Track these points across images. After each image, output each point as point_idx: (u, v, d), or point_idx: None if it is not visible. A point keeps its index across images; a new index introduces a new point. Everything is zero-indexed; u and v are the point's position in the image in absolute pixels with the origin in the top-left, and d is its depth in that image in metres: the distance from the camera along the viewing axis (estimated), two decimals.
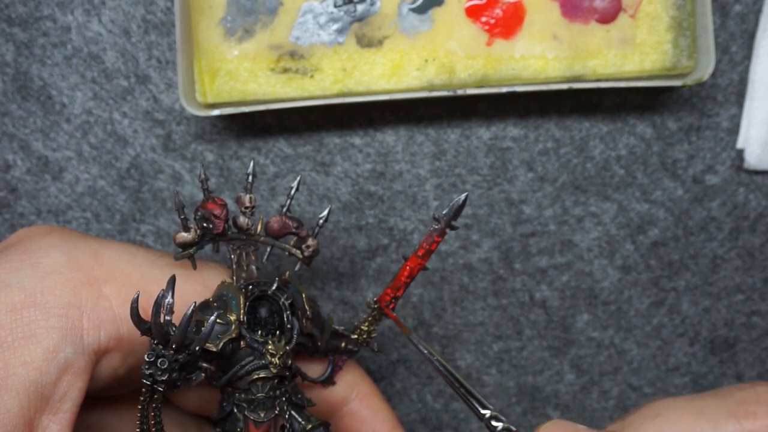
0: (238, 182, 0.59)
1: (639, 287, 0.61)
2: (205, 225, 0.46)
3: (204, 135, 0.59)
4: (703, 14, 0.53)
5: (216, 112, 0.53)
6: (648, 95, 0.58)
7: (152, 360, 0.40)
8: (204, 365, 0.43)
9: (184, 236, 0.46)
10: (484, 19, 0.53)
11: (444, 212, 0.47)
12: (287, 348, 0.46)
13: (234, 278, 0.47)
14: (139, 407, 0.41)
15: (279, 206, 0.48)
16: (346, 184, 0.59)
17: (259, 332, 0.46)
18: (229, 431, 0.46)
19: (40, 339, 0.41)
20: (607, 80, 0.54)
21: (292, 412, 0.46)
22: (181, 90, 0.53)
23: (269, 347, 0.45)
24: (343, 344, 0.50)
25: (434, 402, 0.61)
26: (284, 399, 0.46)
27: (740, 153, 0.59)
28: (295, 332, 0.47)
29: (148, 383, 0.40)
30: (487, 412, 0.46)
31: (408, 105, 0.58)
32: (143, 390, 0.40)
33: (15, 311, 0.41)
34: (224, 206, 0.46)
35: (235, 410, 0.45)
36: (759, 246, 0.61)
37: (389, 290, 0.48)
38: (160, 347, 0.40)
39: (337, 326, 0.50)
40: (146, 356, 0.40)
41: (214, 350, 0.43)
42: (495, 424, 0.47)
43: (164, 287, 0.40)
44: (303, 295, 0.48)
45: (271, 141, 0.59)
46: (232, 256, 0.47)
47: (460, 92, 0.53)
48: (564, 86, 0.53)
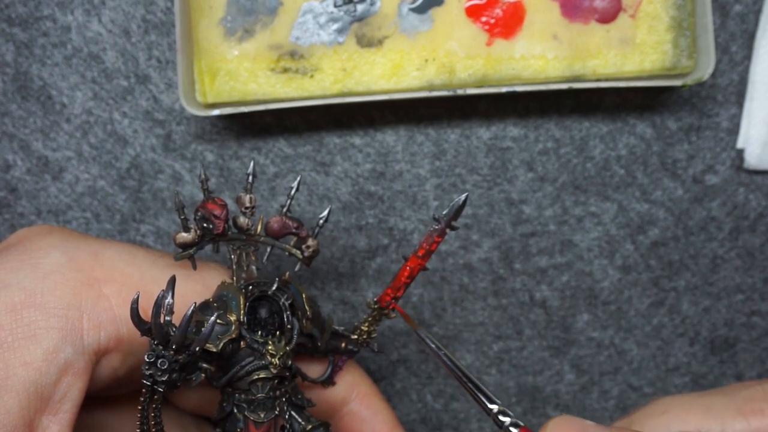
0: (238, 182, 0.59)
1: (639, 287, 0.61)
2: (205, 225, 0.46)
3: (204, 135, 0.59)
4: (703, 14, 0.53)
5: (216, 112, 0.53)
6: (648, 95, 0.58)
7: (152, 360, 0.40)
8: (204, 366, 0.43)
9: (184, 236, 0.46)
10: (484, 19, 0.53)
11: (444, 212, 0.47)
12: (287, 348, 0.46)
13: (234, 278, 0.47)
14: (139, 407, 0.41)
15: (279, 206, 0.48)
16: (346, 184, 0.59)
17: (259, 333, 0.46)
18: (229, 431, 0.46)
19: (40, 339, 0.41)
20: (607, 80, 0.54)
21: (292, 413, 0.46)
22: (181, 90, 0.53)
23: (269, 348, 0.45)
24: (343, 344, 0.50)
25: (434, 402, 0.61)
26: (284, 399, 0.46)
27: (740, 153, 0.59)
28: (295, 332, 0.47)
29: (148, 383, 0.40)
30: (495, 407, 0.46)
31: (408, 105, 0.58)
32: (143, 390, 0.40)
33: (15, 312, 0.41)
34: (224, 206, 0.46)
35: (235, 410, 0.45)
36: (759, 246, 0.61)
37: (389, 290, 0.48)
38: (160, 348, 0.40)
39: (337, 326, 0.50)
40: (146, 357, 0.40)
41: (214, 351, 0.43)
42: (502, 419, 0.47)
43: (164, 287, 0.40)
44: (303, 296, 0.48)
45: (271, 141, 0.59)
46: (232, 257, 0.47)
47: (460, 92, 0.53)
48: (564, 86, 0.53)
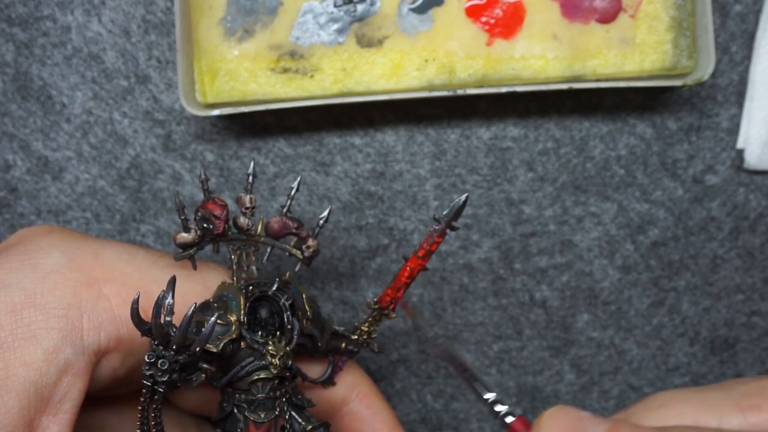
0: (238, 182, 0.59)
1: (639, 287, 0.61)
2: (206, 225, 0.46)
3: (204, 135, 0.59)
4: (703, 14, 0.53)
5: (216, 112, 0.53)
6: (648, 95, 0.58)
7: (152, 361, 0.40)
8: (204, 366, 0.43)
9: (185, 237, 0.46)
10: (484, 19, 0.53)
11: (444, 213, 0.46)
12: (287, 349, 0.46)
13: (234, 279, 0.47)
14: (140, 408, 0.41)
15: (279, 206, 0.48)
16: (346, 184, 0.59)
17: (260, 333, 0.46)
18: (229, 431, 0.46)
19: (40, 340, 0.41)
20: (607, 80, 0.54)
21: (292, 413, 0.46)
22: (181, 90, 0.53)
23: (269, 348, 0.45)
24: (344, 345, 0.50)
25: (434, 402, 0.61)
26: (284, 400, 0.46)
27: (740, 153, 0.59)
28: (296, 333, 0.47)
29: (149, 384, 0.40)
30: (491, 396, 0.46)
31: (408, 105, 0.58)
32: (143, 391, 0.40)
33: (15, 312, 0.41)
34: (224, 207, 0.46)
35: (236, 411, 0.45)
36: (759, 246, 0.61)
37: (389, 291, 0.48)
38: (161, 348, 0.40)
39: (337, 326, 0.50)
40: (146, 357, 0.40)
41: (215, 351, 0.43)
42: (498, 409, 0.47)
43: (164, 288, 0.40)
44: (303, 296, 0.48)
45: (271, 141, 0.59)
46: (233, 257, 0.47)
47: (460, 92, 0.53)
48: (564, 86, 0.53)
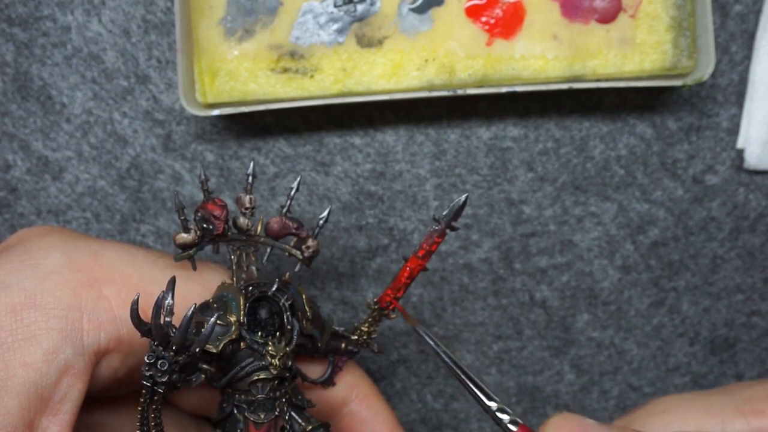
0: (238, 182, 0.59)
1: (639, 287, 0.61)
2: (205, 226, 0.46)
3: (204, 135, 0.59)
4: (703, 14, 0.53)
5: (216, 112, 0.53)
6: (648, 95, 0.58)
7: (152, 361, 0.40)
8: (204, 366, 0.43)
9: (184, 237, 0.46)
10: (484, 19, 0.53)
11: (444, 213, 0.46)
12: (287, 349, 0.46)
13: (234, 279, 0.47)
14: (139, 408, 0.41)
15: (279, 207, 0.48)
16: (346, 184, 0.59)
17: (259, 333, 0.46)
18: None
19: (40, 340, 0.41)
20: (607, 80, 0.54)
21: (292, 413, 0.46)
22: (181, 90, 0.53)
23: (269, 348, 0.45)
24: (343, 345, 0.50)
25: (434, 402, 0.61)
26: (284, 400, 0.46)
27: (740, 153, 0.59)
28: (296, 333, 0.47)
29: (148, 384, 0.40)
30: (494, 404, 0.46)
31: (408, 105, 0.58)
32: (143, 391, 0.40)
33: (15, 312, 0.41)
34: (224, 207, 0.46)
35: (235, 411, 0.45)
36: (759, 246, 0.60)
37: (389, 291, 0.48)
38: (160, 349, 0.40)
39: (337, 327, 0.50)
40: (146, 358, 0.40)
41: (214, 351, 0.43)
42: (501, 416, 0.47)
43: (164, 288, 0.40)
44: (303, 296, 0.48)
45: (271, 141, 0.59)
46: (232, 257, 0.47)
47: (460, 92, 0.53)
48: (564, 86, 0.53)
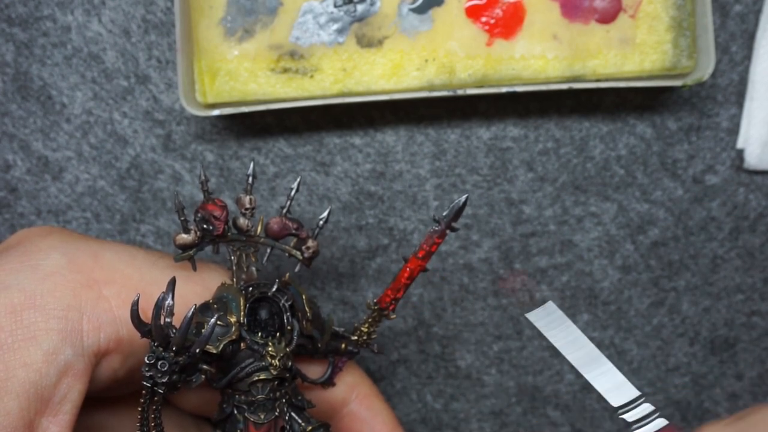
0: (238, 182, 0.59)
1: (639, 287, 0.61)
2: (205, 226, 0.46)
3: (204, 135, 0.58)
4: (703, 14, 0.53)
5: (216, 112, 0.53)
6: (648, 95, 0.58)
7: (152, 362, 0.40)
8: (204, 367, 0.43)
9: (184, 238, 0.46)
10: (484, 19, 0.53)
11: (444, 214, 0.46)
12: (287, 350, 0.46)
13: (234, 279, 0.47)
14: (139, 409, 0.41)
15: (279, 207, 0.48)
16: (346, 184, 0.59)
17: (260, 334, 0.46)
18: None
19: (40, 341, 0.41)
20: (607, 80, 0.54)
21: (292, 414, 0.46)
22: (181, 90, 0.53)
23: (269, 349, 0.45)
24: (343, 346, 0.50)
25: (434, 402, 0.61)
26: (284, 401, 0.46)
27: (740, 153, 0.59)
28: (296, 334, 0.47)
29: (149, 385, 0.40)
30: (631, 395, 0.45)
31: (408, 105, 0.58)
32: (143, 392, 0.40)
33: (15, 313, 0.41)
34: (224, 207, 0.46)
35: (235, 412, 0.45)
36: (759, 246, 0.60)
37: (389, 291, 0.48)
38: (161, 349, 0.40)
39: (337, 327, 0.50)
40: (146, 358, 0.40)
41: (215, 352, 0.43)
42: (633, 412, 0.46)
43: (164, 289, 0.40)
44: (303, 297, 0.47)
45: (271, 141, 0.59)
46: (232, 258, 0.47)
47: (460, 92, 0.53)
48: (564, 86, 0.53)
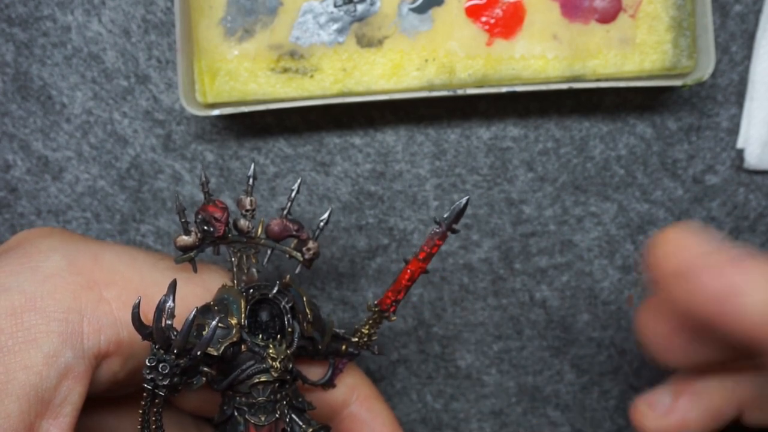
0: (238, 182, 0.59)
1: (639, 287, 0.61)
2: (206, 228, 0.46)
3: (204, 135, 0.58)
4: (703, 14, 0.53)
5: (216, 112, 0.53)
6: (648, 95, 0.58)
7: (153, 365, 0.40)
8: (205, 369, 0.43)
9: (185, 240, 0.46)
10: (484, 19, 0.53)
11: (445, 216, 0.46)
12: (288, 352, 0.46)
13: (235, 281, 0.47)
14: (140, 411, 0.41)
15: (279, 208, 0.48)
16: (346, 184, 0.59)
17: (260, 336, 0.46)
18: None
19: (41, 343, 0.41)
20: (607, 80, 0.54)
21: (293, 416, 0.46)
22: (181, 90, 0.53)
23: (270, 351, 0.45)
24: (344, 347, 0.50)
25: (434, 402, 0.61)
26: (285, 402, 0.46)
27: (740, 153, 0.59)
28: (296, 336, 0.47)
29: (150, 388, 0.40)
30: None
31: (408, 105, 0.58)
32: (144, 394, 0.41)
33: (15, 315, 0.41)
34: (225, 209, 0.46)
35: (236, 414, 0.45)
36: (759, 246, 0.60)
37: (390, 293, 0.48)
38: (162, 352, 0.40)
39: (338, 329, 0.50)
40: (147, 361, 0.40)
41: (216, 354, 0.43)
42: None
43: (165, 291, 0.40)
44: (304, 299, 0.47)
45: (271, 141, 0.59)
46: (233, 259, 0.47)
47: (460, 92, 0.53)
48: (564, 86, 0.53)
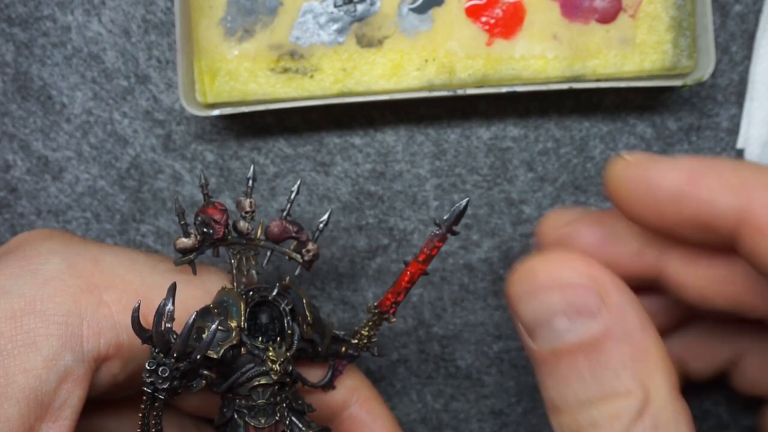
0: (238, 182, 0.59)
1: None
2: (206, 230, 0.46)
3: (204, 135, 0.58)
4: (703, 14, 0.53)
5: (216, 112, 0.53)
6: (648, 95, 0.58)
7: (153, 368, 0.40)
8: (205, 372, 0.43)
9: (185, 242, 0.46)
10: (484, 19, 0.53)
11: (445, 217, 0.46)
12: (288, 354, 0.46)
13: (234, 283, 0.47)
14: (140, 415, 0.41)
15: (279, 209, 0.48)
16: (346, 184, 0.59)
17: (260, 338, 0.46)
18: None
19: (40, 347, 0.41)
20: (607, 80, 0.53)
21: (293, 418, 0.46)
22: (181, 90, 0.53)
23: (270, 354, 0.45)
24: (344, 349, 0.50)
25: (434, 402, 0.61)
26: (285, 405, 0.46)
27: (740, 153, 0.59)
28: (296, 338, 0.47)
29: (149, 391, 0.40)
30: None
31: (408, 105, 0.58)
32: (144, 398, 0.41)
33: (15, 319, 0.41)
34: (224, 211, 0.46)
35: (236, 416, 0.45)
36: None
37: (390, 295, 0.48)
38: (162, 356, 0.40)
39: (338, 331, 0.50)
40: (147, 365, 0.40)
41: (215, 357, 0.43)
42: None
43: (165, 293, 0.40)
44: (303, 301, 0.47)
45: (271, 141, 0.59)
46: (233, 261, 0.47)
47: (460, 92, 0.53)
48: (564, 86, 0.53)
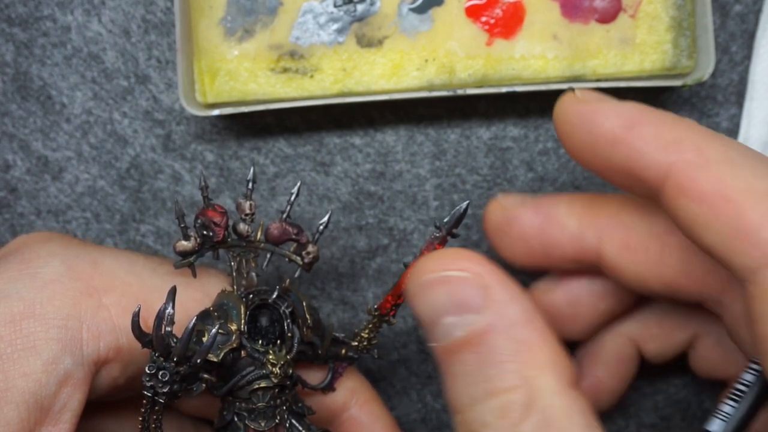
0: (238, 182, 0.59)
1: None
2: (205, 233, 0.46)
3: (204, 135, 0.58)
4: (703, 14, 0.53)
5: (216, 112, 0.53)
6: (648, 95, 0.58)
7: (153, 372, 0.40)
8: (205, 376, 0.43)
9: (184, 245, 0.46)
10: (484, 19, 0.53)
11: (445, 220, 0.46)
12: (288, 357, 0.46)
13: (234, 286, 0.47)
14: (140, 419, 0.41)
15: (278, 209, 0.48)
16: (346, 184, 0.59)
17: (260, 342, 0.46)
18: None
19: (40, 350, 0.41)
20: (607, 80, 0.53)
21: (293, 421, 0.46)
22: (181, 90, 0.53)
23: (270, 357, 0.45)
24: (344, 351, 0.50)
25: (434, 402, 0.61)
26: (285, 408, 0.46)
27: None
28: (296, 341, 0.47)
29: (149, 395, 0.40)
30: None
31: (408, 105, 0.58)
32: (144, 401, 0.41)
33: (14, 322, 0.41)
34: (224, 213, 0.46)
35: (236, 419, 0.45)
36: None
37: (390, 297, 0.48)
38: (161, 359, 0.40)
39: (337, 333, 0.50)
40: (147, 368, 0.40)
41: (215, 361, 0.43)
42: None
43: (164, 296, 0.40)
44: (303, 303, 0.47)
45: (271, 141, 0.59)
46: (232, 263, 0.47)
47: (460, 92, 0.53)
48: (564, 86, 0.53)
